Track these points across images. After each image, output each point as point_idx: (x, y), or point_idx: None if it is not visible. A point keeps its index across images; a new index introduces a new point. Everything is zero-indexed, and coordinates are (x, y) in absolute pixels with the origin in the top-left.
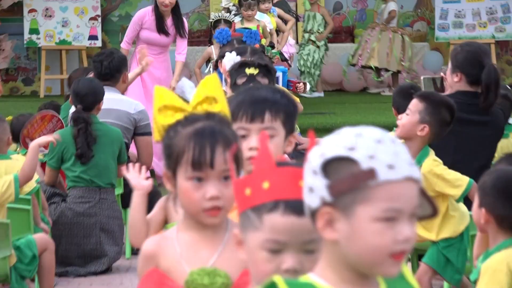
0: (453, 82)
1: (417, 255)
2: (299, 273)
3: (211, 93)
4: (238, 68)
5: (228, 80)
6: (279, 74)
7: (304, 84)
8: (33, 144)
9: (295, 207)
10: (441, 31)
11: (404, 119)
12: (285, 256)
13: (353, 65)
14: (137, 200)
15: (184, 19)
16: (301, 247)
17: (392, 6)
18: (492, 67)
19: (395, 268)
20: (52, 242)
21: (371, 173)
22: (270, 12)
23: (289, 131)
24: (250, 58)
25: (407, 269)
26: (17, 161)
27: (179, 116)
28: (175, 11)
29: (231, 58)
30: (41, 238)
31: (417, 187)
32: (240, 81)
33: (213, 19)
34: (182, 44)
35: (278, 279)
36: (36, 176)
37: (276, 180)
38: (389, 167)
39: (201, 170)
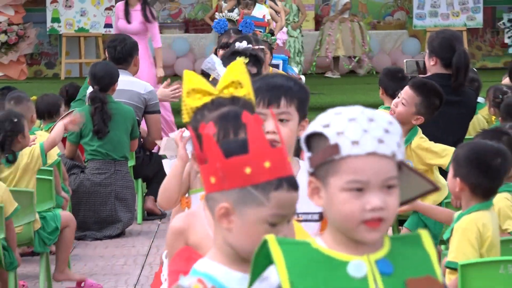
0: (430, 66)
1: (398, 221)
2: None
3: (236, 78)
4: (230, 56)
5: None
6: (279, 62)
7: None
8: (59, 122)
9: (294, 183)
10: (418, 20)
11: (400, 108)
12: (281, 228)
13: (324, 56)
14: (178, 170)
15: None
16: (290, 218)
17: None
18: (462, 52)
19: (371, 234)
20: (74, 221)
21: (335, 148)
22: (264, 3)
23: (302, 116)
24: (256, 45)
25: (427, 237)
26: (41, 137)
27: (207, 99)
28: None
29: (242, 46)
30: (66, 215)
31: (387, 162)
32: None
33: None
34: (153, 31)
35: (271, 237)
36: (57, 150)
37: (275, 159)
38: (353, 143)
39: None
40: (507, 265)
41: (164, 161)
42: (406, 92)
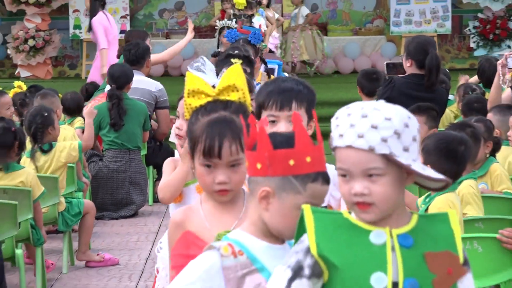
0: (406, 67)
1: None
2: None
3: (232, 82)
4: (224, 59)
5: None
6: (275, 66)
7: None
8: (87, 121)
9: (327, 178)
10: (395, 27)
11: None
12: None
13: (288, 62)
14: (186, 170)
15: (96, 17)
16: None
17: (306, 10)
18: (434, 55)
19: (363, 215)
20: (95, 209)
21: (331, 139)
22: (258, 13)
23: (310, 117)
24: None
25: (454, 216)
26: (65, 130)
27: (206, 99)
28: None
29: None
30: (89, 203)
31: (364, 154)
32: (226, 69)
33: (218, 27)
34: (95, 36)
35: (306, 206)
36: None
37: (315, 156)
38: (339, 136)
39: (211, 159)
40: (472, 241)
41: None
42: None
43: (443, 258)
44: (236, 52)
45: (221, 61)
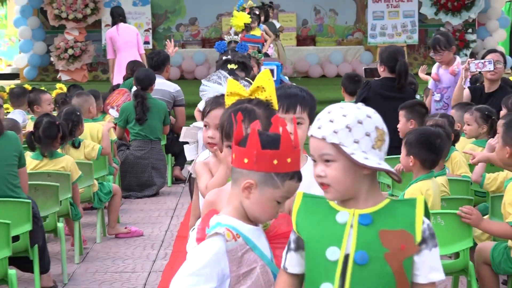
0: (380, 72)
1: None
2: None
3: (261, 84)
4: (222, 64)
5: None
6: (273, 67)
7: None
8: (105, 133)
9: (301, 176)
10: (371, 38)
11: (401, 126)
12: (282, 204)
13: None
14: (226, 173)
15: (108, 31)
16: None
17: (278, 24)
18: (403, 62)
19: (325, 194)
20: (120, 191)
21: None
22: (258, 27)
23: (311, 120)
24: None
25: (421, 201)
26: (102, 126)
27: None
28: None
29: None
30: (116, 187)
31: (319, 142)
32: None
33: (226, 40)
34: None
35: (299, 193)
36: (114, 136)
37: (294, 157)
38: (312, 127)
39: (230, 140)
40: (436, 216)
41: (185, 146)
42: (400, 115)
43: (397, 235)
44: (232, 58)
45: (220, 66)
